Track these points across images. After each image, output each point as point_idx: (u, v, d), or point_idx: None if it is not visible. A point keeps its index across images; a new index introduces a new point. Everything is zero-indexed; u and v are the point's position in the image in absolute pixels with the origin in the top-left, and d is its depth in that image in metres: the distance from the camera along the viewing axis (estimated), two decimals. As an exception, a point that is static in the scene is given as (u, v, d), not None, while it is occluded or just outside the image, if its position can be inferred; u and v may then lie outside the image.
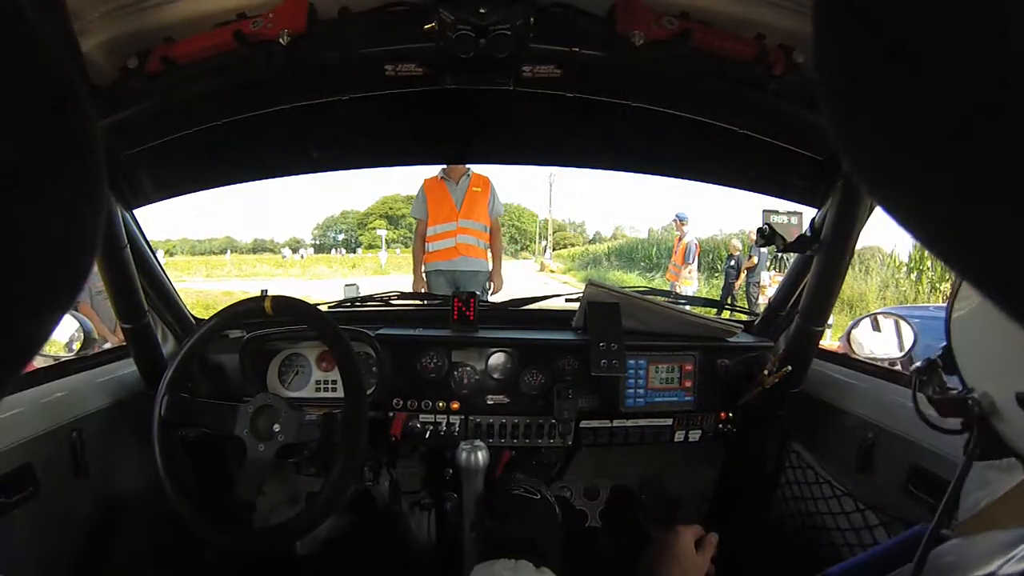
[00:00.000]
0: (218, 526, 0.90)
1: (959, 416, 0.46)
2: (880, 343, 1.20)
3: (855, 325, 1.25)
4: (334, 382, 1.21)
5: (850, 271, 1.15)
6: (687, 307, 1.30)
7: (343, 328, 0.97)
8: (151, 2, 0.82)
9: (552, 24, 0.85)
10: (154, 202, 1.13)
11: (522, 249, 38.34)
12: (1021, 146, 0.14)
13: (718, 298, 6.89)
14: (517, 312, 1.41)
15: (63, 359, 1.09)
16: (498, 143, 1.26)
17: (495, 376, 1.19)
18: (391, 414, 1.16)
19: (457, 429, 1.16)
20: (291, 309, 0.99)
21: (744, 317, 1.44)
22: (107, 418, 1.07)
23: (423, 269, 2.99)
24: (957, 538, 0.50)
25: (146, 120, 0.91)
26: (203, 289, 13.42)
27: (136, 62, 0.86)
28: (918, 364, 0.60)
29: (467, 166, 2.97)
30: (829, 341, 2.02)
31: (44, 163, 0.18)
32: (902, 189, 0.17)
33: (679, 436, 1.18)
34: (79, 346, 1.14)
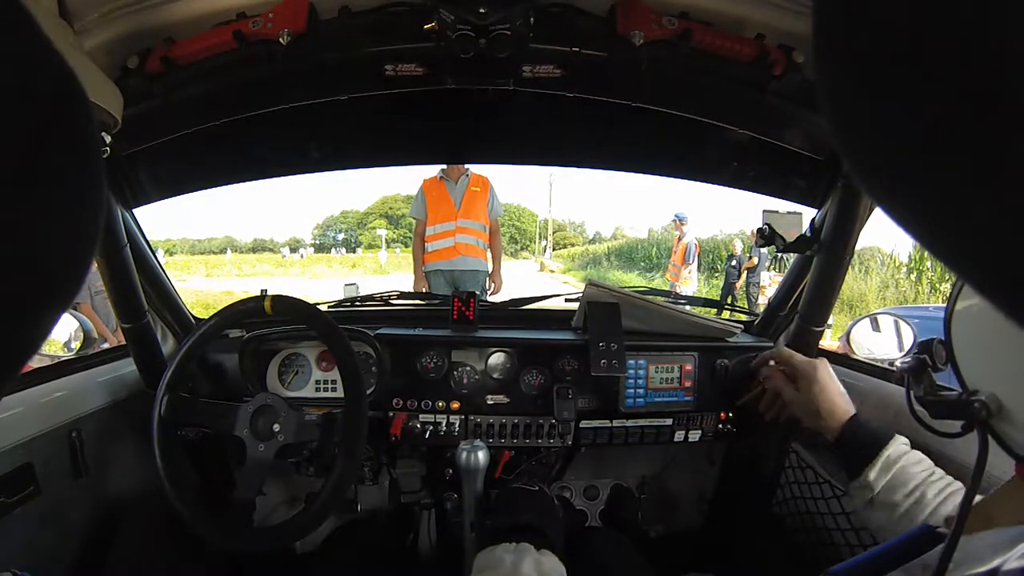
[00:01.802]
0: (218, 526, 0.90)
1: (960, 419, 0.46)
2: (880, 343, 1.20)
3: (855, 325, 1.25)
4: (334, 382, 1.21)
5: (850, 271, 1.15)
6: (687, 307, 1.30)
7: (343, 328, 0.97)
8: (151, 2, 0.82)
9: (552, 24, 0.85)
10: (154, 202, 1.13)
11: (522, 249, 38.38)
12: (1022, 146, 0.14)
13: (718, 298, 6.89)
14: (517, 312, 1.41)
15: (63, 359, 1.09)
16: (498, 143, 1.27)
17: (495, 376, 1.19)
18: (391, 414, 1.16)
19: (457, 429, 1.16)
20: (291, 309, 0.98)
21: (744, 317, 1.44)
22: (107, 418, 1.07)
23: (424, 269, 3.00)
24: (962, 536, 0.50)
25: (146, 120, 0.91)
26: (203, 289, 13.41)
27: (136, 62, 0.86)
28: (906, 363, 0.60)
29: (466, 166, 2.98)
30: (829, 341, 2.02)
31: (44, 162, 0.18)
32: (902, 190, 0.17)
33: (679, 436, 1.18)
34: (78, 346, 1.14)
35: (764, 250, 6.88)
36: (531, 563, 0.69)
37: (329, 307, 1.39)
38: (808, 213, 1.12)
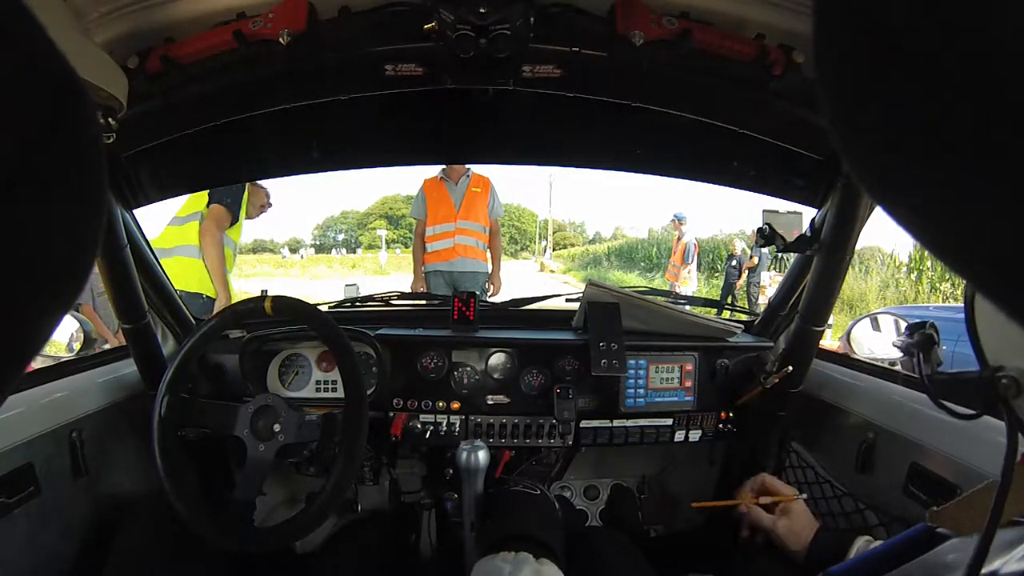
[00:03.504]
0: (218, 526, 0.90)
1: (981, 399, 0.43)
2: (880, 343, 1.20)
3: (855, 325, 1.25)
4: (334, 382, 1.21)
5: (850, 271, 1.15)
6: (687, 307, 1.30)
7: (343, 328, 0.97)
8: (151, 2, 0.82)
9: (552, 24, 0.85)
10: (154, 202, 1.13)
11: (522, 249, 38.36)
12: (1022, 146, 0.14)
13: (718, 298, 6.89)
14: (517, 312, 1.41)
15: (63, 359, 1.09)
16: (498, 143, 1.26)
17: (495, 376, 1.19)
18: (391, 414, 1.16)
19: (457, 429, 1.16)
20: (291, 309, 0.99)
21: (744, 317, 1.44)
22: (107, 418, 1.07)
23: (423, 270, 3.00)
24: (958, 537, 0.50)
25: (146, 120, 0.91)
26: (203, 289, 13.36)
27: (136, 62, 0.86)
28: (911, 338, 0.57)
29: (467, 166, 2.97)
30: (829, 341, 2.02)
31: (45, 163, 0.18)
32: (902, 189, 0.17)
33: (679, 436, 1.18)
34: (79, 346, 1.14)
35: (765, 250, 6.89)
36: (530, 573, 0.69)
37: (329, 307, 1.39)
38: (808, 213, 1.12)
